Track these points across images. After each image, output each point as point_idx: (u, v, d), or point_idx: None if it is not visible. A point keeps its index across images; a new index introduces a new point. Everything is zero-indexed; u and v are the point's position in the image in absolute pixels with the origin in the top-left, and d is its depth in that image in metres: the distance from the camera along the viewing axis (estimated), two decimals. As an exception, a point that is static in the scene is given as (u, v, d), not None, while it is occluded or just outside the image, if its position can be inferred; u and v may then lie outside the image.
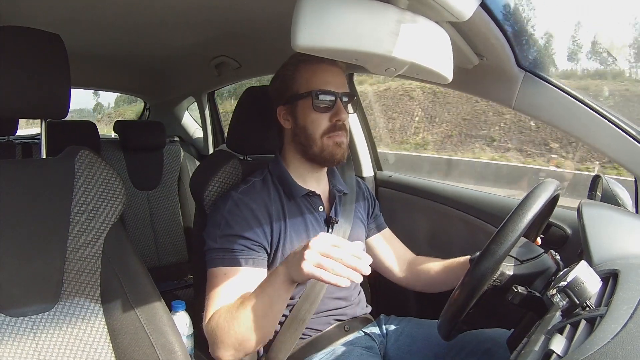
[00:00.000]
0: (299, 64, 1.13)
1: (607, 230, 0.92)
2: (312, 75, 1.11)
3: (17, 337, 0.89)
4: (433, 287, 1.29)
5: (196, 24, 1.65)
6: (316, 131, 1.11)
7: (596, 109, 1.09)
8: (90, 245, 0.98)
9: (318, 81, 1.10)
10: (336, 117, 1.10)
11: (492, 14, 0.93)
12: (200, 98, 2.77)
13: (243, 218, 1.08)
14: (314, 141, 1.12)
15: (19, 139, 2.29)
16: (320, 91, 1.10)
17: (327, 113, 1.11)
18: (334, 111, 1.11)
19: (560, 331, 0.64)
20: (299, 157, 1.17)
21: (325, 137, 1.11)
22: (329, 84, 1.10)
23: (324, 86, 1.10)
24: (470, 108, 9.77)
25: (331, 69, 1.12)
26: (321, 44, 0.63)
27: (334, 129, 1.11)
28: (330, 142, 1.12)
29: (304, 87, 1.11)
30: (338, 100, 1.11)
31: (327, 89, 1.10)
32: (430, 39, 0.73)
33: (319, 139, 1.12)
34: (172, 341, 0.96)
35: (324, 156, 1.13)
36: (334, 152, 1.12)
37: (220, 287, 1.04)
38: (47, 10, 1.43)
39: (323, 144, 1.12)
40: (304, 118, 1.12)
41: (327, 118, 1.11)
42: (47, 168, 0.98)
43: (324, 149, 1.12)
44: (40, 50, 0.95)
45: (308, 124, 1.12)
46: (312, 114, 1.11)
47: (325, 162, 1.15)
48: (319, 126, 1.11)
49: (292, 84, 1.13)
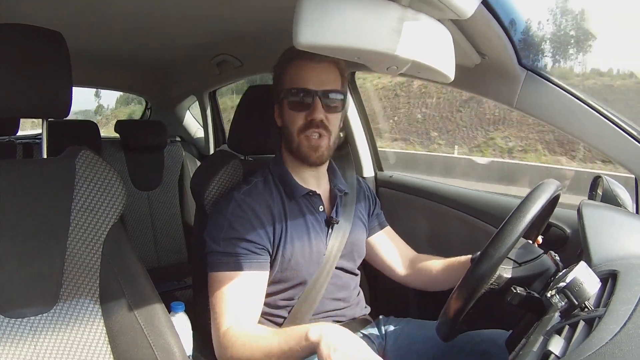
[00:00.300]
0: (287, 61, 1.13)
1: (606, 230, 0.92)
2: (294, 72, 1.11)
3: (16, 338, 0.89)
4: (434, 286, 1.29)
5: (198, 23, 1.66)
6: (293, 128, 1.12)
7: (597, 109, 1.09)
8: (90, 246, 0.98)
9: (298, 79, 1.10)
10: (310, 116, 1.10)
11: (494, 12, 0.93)
12: (202, 97, 2.77)
13: (247, 220, 1.08)
14: (293, 138, 1.13)
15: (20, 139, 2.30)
16: (295, 89, 1.10)
17: (303, 112, 1.10)
18: (310, 110, 1.10)
19: (559, 332, 0.64)
20: (290, 155, 1.18)
21: (301, 135, 1.11)
22: (308, 81, 1.09)
23: (302, 84, 1.09)
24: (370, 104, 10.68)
25: (317, 66, 1.10)
26: (323, 42, 0.63)
27: (309, 126, 1.10)
28: (305, 142, 1.11)
29: (284, 86, 1.12)
30: (317, 98, 1.09)
31: (304, 87, 1.09)
32: (432, 37, 0.73)
33: (296, 136, 1.12)
34: (171, 342, 0.96)
35: (300, 154, 1.13)
36: (308, 153, 1.12)
37: (228, 294, 1.04)
38: (49, 8, 1.43)
39: (300, 142, 1.12)
40: (284, 116, 1.14)
41: (303, 116, 1.10)
42: (47, 168, 0.98)
43: (300, 147, 1.12)
44: (41, 48, 0.95)
45: (287, 121, 1.13)
46: (289, 112, 1.12)
47: (302, 161, 1.15)
48: (295, 124, 1.11)
49: (279, 82, 1.14)
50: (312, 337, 0.85)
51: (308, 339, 0.86)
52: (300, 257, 1.12)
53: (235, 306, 1.03)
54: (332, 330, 0.85)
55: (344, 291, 1.22)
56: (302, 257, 1.12)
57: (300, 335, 0.88)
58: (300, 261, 1.12)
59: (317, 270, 1.15)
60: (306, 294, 1.14)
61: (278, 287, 1.14)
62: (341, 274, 1.21)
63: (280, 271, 1.12)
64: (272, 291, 1.14)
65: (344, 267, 1.22)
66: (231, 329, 1.01)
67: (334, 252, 1.18)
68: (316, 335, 0.85)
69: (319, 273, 1.15)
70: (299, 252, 1.12)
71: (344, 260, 1.21)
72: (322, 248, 1.16)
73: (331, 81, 1.12)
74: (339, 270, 1.20)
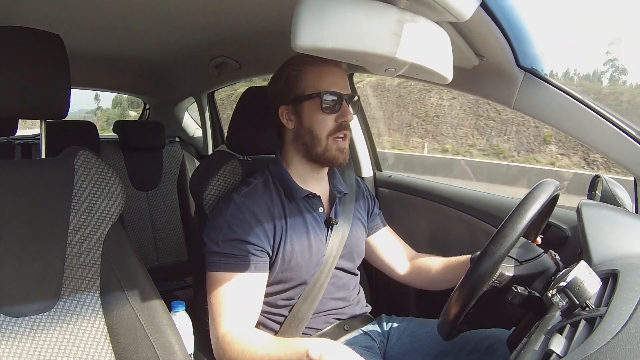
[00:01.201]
0: (303, 64, 1.13)
1: (606, 230, 0.92)
2: (318, 76, 1.11)
3: (17, 337, 0.89)
4: (433, 285, 1.29)
5: (196, 24, 1.65)
6: (322, 132, 1.12)
7: (596, 109, 1.09)
8: (89, 246, 0.98)
9: (325, 82, 1.11)
10: (342, 118, 1.11)
11: (492, 14, 0.93)
12: (200, 98, 2.76)
13: (246, 222, 1.08)
14: (319, 141, 1.12)
15: (19, 140, 2.30)
16: (328, 92, 1.10)
17: (333, 114, 1.11)
18: (341, 112, 1.11)
19: (560, 331, 0.64)
20: (300, 157, 1.17)
21: (330, 138, 1.12)
22: (335, 85, 1.11)
23: (331, 87, 1.11)
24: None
25: (336, 71, 1.13)
26: (321, 44, 0.63)
27: (340, 129, 1.12)
28: (334, 146, 1.12)
29: (311, 88, 1.11)
30: (344, 101, 1.11)
31: (334, 90, 1.11)
32: (430, 39, 0.73)
33: (324, 139, 1.12)
34: (172, 341, 0.96)
35: (327, 157, 1.13)
36: (336, 156, 1.13)
37: (226, 295, 1.04)
38: (48, 11, 1.43)
39: (327, 145, 1.12)
40: (310, 119, 1.12)
41: (333, 119, 1.11)
42: (46, 168, 0.98)
43: (327, 150, 1.12)
44: (40, 50, 0.95)
45: (314, 124, 1.12)
46: (319, 115, 1.11)
47: (327, 163, 1.16)
48: (325, 127, 1.12)
49: (297, 85, 1.13)
50: (313, 355, 0.86)
51: (309, 357, 0.87)
52: (300, 258, 1.12)
53: (233, 308, 1.04)
54: (333, 350, 0.86)
55: (344, 291, 1.22)
56: (302, 258, 1.13)
57: (300, 352, 0.89)
58: (300, 262, 1.12)
59: (317, 270, 1.15)
60: (306, 294, 1.14)
61: (278, 287, 1.14)
62: (341, 274, 1.22)
63: (280, 272, 1.12)
64: (273, 291, 1.14)
65: (344, 267, 1.22)
66: (229, 333, 1.01)
67: (334, 253, 1.18)
68: (317, 354, 0.86)
69: (319, 273, 1.15)
70: (298, 253, 1.12)
71: (343, 260, 1.21)
72: (321, 249, 1.16)
73: (348, 84, 1.15)
74: (339, 270, 1.21)
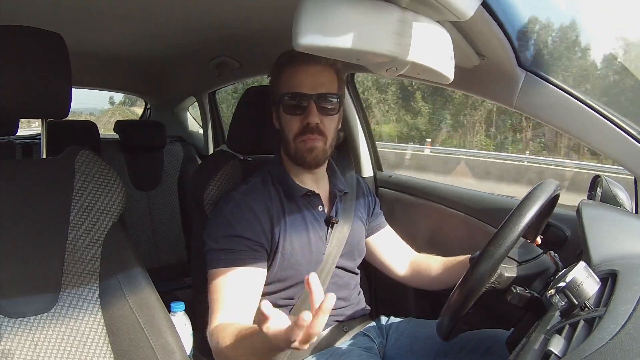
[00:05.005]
0: (281, 66, 1.13)
1: (606, 230, 0.92)
2: (289, 76, 1.11)
3: (16, 337, 0.89)
4: (433, 285, 1.29)
5: (197, 24, 1.65)
6: (289, 133, 1.12)
7: (597, 109, 1.09)
8: (89, 246, 0.98)
9: (292, 83, 1.10)
10: (306, 120, 1.09)
11: (494, 14, 0.93)
12: (201, 98, 2.76)
13: (245, 218, 1.09)
14: (289, 143, 1.13)
15: (20, 139, 2.30)
16: (289, 94, 1.10)
17: (298, 116, 1.10)
18: (305, 114, 1.10)
19: (559, 332, 0.64)
20: (287, 157, 1.18)
21: (297, 140, 1.11)
22: (303, 85, 1.09)
23: (296, 88, 1.09)
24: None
25: (311, 70, 1.10)
26: (322, 44, 0.63)
27: (305, 131, 1.10)
28: (301, 146, 1.11)
29: (280, 90, 1.12)
30: (311, 102, 1.09)
31: (298, 91, 1.09)
32: (431, 39, 0.73)
33: (292, 141, 1.12)
34: (171, 342, 0.96)
35: (297, 158, 1.14)
36: (304, 155, 1.12)
37: (223, 290, 1.04)
38: (49, 10, 1.43)
39: (296, 147, 1.12)
40: (281, 120, 1.14)
41: (299, 120, 1.10)
42: (47, 168, 0.98)
43: (296, 151, 1.13)
44: (41, 49, 0.95)
45: (283, 126, 1.14)
46: (285, 117, 1.12)
47: (300, 164, 1.15)
48: (290, 129, 1.12)
49: (275, 86, 1.15)
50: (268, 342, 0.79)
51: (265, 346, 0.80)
52: (300, 256, 1.12)
53: (229, 301, 1.03)
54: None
55: (345, 290, 1.22)
56: (301, 257, 1.13)
57: (262, 342, 0.81)
58: (300, 260, 1.12)
59: (317, 269, 1.15)
60: (307, 294, 1.14)
61: (279, 286, 1.14)
62: (342, 273, 1.22)
63: (280, 270, 1.12)
64: (273, 290, 1.14)
65: (344, 266, 1.22)
66: (217, 327, 1.00)
67: (334, 252, 1.18)
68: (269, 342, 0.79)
69: (319, 272, 1.15)
70: (298, 251, 1.12)
71: (344, 259, 1.21)
72: (321, 247, 1.17)
73: (326, 84, 1.12)
74: (339, 269, 1.21)
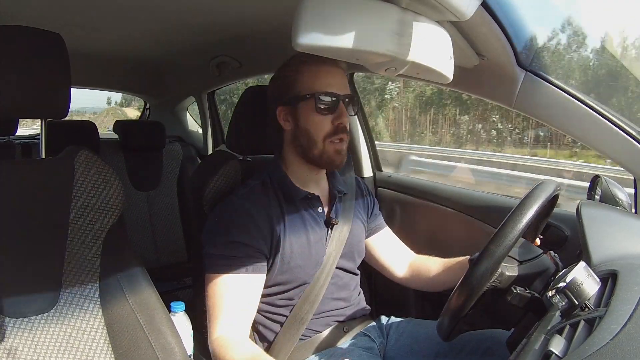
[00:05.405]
0: (300, 64, 1.11)
1: (606, 230, 0.92)
2: (314, 76, 1.10)
3: (17, 337, 0.89)
4: (433, 286, 1.29)
5: (196, 23, 1.65)
6: (318, 134, 1.10)
7: (596, 109, 1.09)
8: (89, 246, 0.98)
9: (321, 83, 1.09)
10: (339, 120, 1.09)
11: (493, 14, 0.93)
12: (201, 98, 2.76)
13: (243, 224, 1.08)
14: (316, 144, 1.11)
15: (19, 139, 2.30)
16: (323, 93, 1.08)
17: (329, 115, 1.09)
18: (337, 114, 1.09)
19: (560, 332, 0.64)
20: (298, 159, 1.16)
21: (327, 140, 1.10)
22: (331, 86, 1.09)
23: (326, 88, 1.09)
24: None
25: (333, 71, 1.11)
26: (322, 43, 0.63)
27: (337, 131, 1.10)
28: (331, 148, 1.11)
29: (307, 89, 1.10)
30: (341, 102, 1.09)
31: (330, 90, 1.09)
32: (431, 39, 0.73)
33: (320, 142, 1.10)
34: (171, 342, 0.96)
35: (323, 160, 1.12)
36: (333, 158, 1.12)
37: (221, 297, 1.04)
38: (48, 10, 1.43)
39: (324, 148, 1.11)
40: (305, 120, 1.11)
41: (330, 120, 1.09)
42: (46, 168, 0.98)
43: (324, 152, 1.11)
44: (40, 49, 0.95)
45: (310, 126, 1.10)
46: (315, 117, 1.09)
47: (324, 166, 1.15)
48: (321, 129, 1.10)
49: (293, 85, 1.12)
50: None
51: None
52: (299, 259, 1.12)
53: (228, 311, 1.04)
54: None
55: (345, 291, 1.22)
56: (301, 259, 1.12)
57: None
58: (300, 263, 1.12)
59: (317, 270, 1.15)
60: (307, 294, 1.14)
61: (279, 288, 1.14)
62: (342, 274, 1.22)
63: (280, 273, 1.12)
64: (273, 292, 1.14)
65: (344, 267, 1.22)
66: (222, 337, 1.02)
67: (334, 253, 1.18)
68: None
69: (319, 273, 1.15)
70: (298, 254, 1.12)
71: (344, 260, 1.21)
72: (321, 249, 1.16)
73: (347, 85, 1.13)
74: (340, 270, 1.21)
